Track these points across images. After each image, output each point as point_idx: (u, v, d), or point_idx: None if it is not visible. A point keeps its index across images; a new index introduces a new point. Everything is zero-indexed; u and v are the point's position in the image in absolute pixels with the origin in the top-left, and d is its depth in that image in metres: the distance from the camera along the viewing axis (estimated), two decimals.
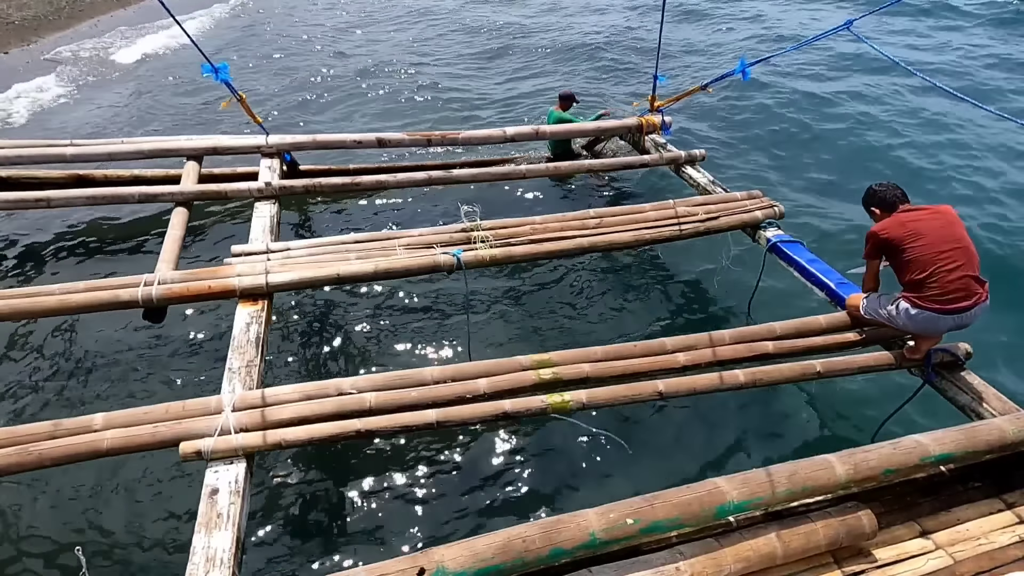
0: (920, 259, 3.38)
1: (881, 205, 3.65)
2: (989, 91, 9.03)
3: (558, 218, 4.82)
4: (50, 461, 2.87)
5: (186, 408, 3.10)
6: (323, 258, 4.28)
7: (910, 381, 3.83)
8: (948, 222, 3.45)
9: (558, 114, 6.90)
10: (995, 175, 7.11)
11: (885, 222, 3.55)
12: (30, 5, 13.66)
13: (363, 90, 10.12)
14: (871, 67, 10.02)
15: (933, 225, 3.42)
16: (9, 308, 3.73)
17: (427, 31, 13.71)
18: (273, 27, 14.10)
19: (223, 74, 4.55)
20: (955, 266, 3.34)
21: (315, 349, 4.72)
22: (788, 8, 13.91)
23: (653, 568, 2.40)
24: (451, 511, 3.58)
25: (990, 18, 12.00)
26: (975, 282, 3.38)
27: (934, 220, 3.45)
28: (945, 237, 3.38)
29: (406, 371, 3.41)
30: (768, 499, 2.56)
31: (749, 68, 5.09)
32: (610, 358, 3.54)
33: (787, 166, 7.53)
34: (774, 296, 5.09)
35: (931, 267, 3.35)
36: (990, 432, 2.95)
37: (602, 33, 12.86)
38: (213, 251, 5.64)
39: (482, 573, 2.24)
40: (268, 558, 3.32)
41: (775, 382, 3.57)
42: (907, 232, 3.42)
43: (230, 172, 6.03)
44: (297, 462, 3.82)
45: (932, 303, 3.37)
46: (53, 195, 4.94)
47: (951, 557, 2.68)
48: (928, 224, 3.43)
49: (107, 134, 8.06)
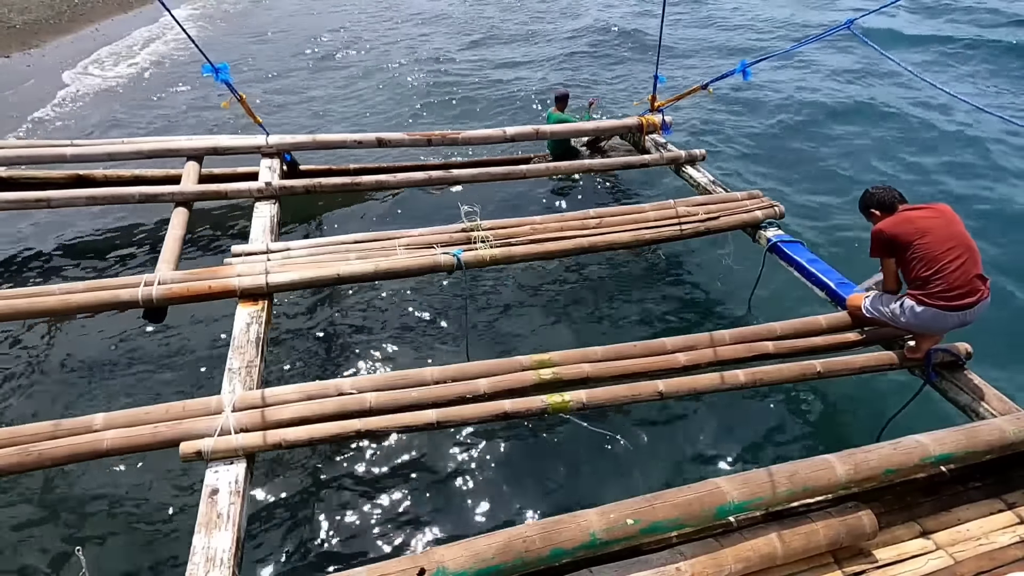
0: (926, 256, 3.38)
1: (880, 207, 3.65)
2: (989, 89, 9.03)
3: (558, 218, 4.82)
4: (50, 461, 2.88)
5: (186, 408, 3.10)
6: (323, 258, 4.27)
7: (910, 381, 3.83)
8: (949, 220, 3.47)
9: (557, 115, 6.90)
10: (995, 175, 7.11)
11: (889, 219, 3.54)
12: (31, 9, 13.67)
13: (363, 90, 10.12)
14: (871, 67, 10.02)
15: (937, 223, 3.43)
16: (9, 308, 3.74)
17: (425, 31, 13.72)
18: (274, 28, 14.11)
19: (223, 74, 4.55)
20: (960, 263, 3.35)
21: (315, 349, 4.71)
22: (788, 8, 13.91)
23: (653, 568, 2.40)
24: (451, 511, 3.58)
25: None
26: (978, 279, 3.39)
27: (937, 218, 3.46)
28: (949, 234, 3.40)
29: (406, 371, 3.41)
30: (768, 499, 2.56)
31: (750, 68, 5.09)
32: (610, 358, 3.54)
33: (787, 166, 7.53)
34: (774, 296, 5.09)
35: (937, 264, 3.36)
36: (990, 432, 2.95)
37: (601, 33, 12.86)
38: (213, 251, 5.64)
39: (482, 573, 2.24)
40: (268, 558, 3.32)
41: (775, 382, 3.57)
42: (913, 229, 3.42)
43: (230, 172, 6.02)
44: (297, 462, 3.81)
45: (938, 300, 3.37)
46: (53, 195, 4.94)
47: (951, 557, 2.68)
48: (932, 222, 3.43)
49: (107, 134, 8.07)
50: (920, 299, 3.42)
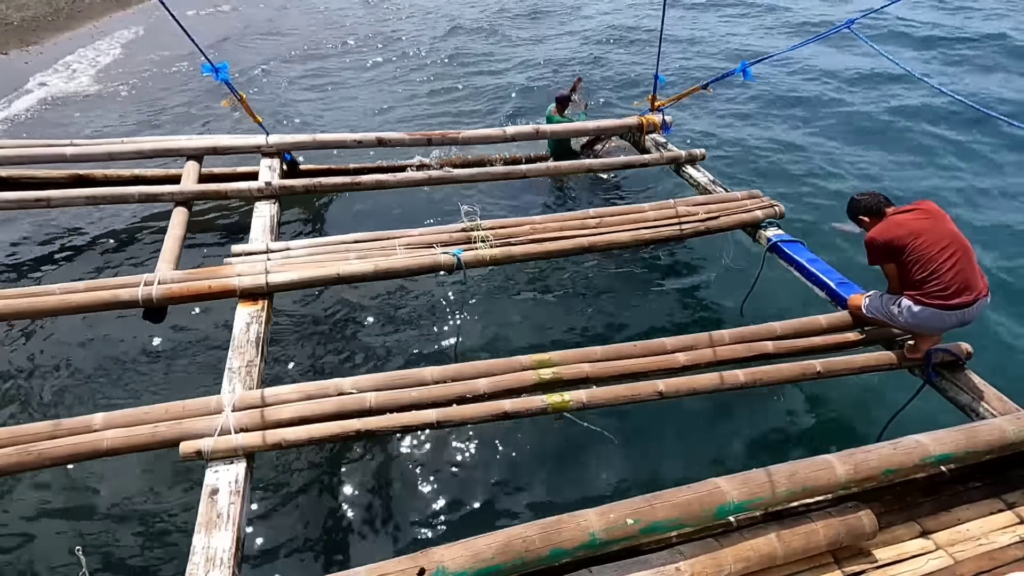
0: (921, 258, 3.38)
1: (868, 212, 3.65)
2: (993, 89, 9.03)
3: (558, 218, 4.82)
4: (50, 461, 2.88)
5: (186, 408, 3.10)
6: (323, 258, 4.27)
7: (910, 380, 3.83)
8: (938, 218, 3.47)
9: (557, 116, 6.89)
10: (996, 175, 7.10)
11: (880, 226, 3.54)
12: (29, 6, 13.67)
13: (363, 89, 10.11)
14: (871, 67, 10.02)
15: (927, 223, 3.44)
16: (9, 308, 3.73)
17: (425, 32, 13.71)
18: (275, 27, 14.10)
19: (223, 74, 4.54)
20: (954, 262, 3.35)
21: (315, 349, 4.71)
22: (791, 7, 13.91)
23: (653, 568, 2.40)
24: (451, 511, 3.58)
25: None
26: (975, 277, 3.39)
27: (927, 218, 3.46)
28: (941, 233, 3.40)
29: (406, 371, 3.41)
30: (768, 499, 2.56)
31: (750, 67, 5.08)
32: (610, 358, 3.54)
33: (787, 166, 7.52)
34: (773, 296, 5.08)
35: (932, 264, 3.36)
36: (990, 432, 2.95)
37: (602, 31, 12.85)
38: (213, 251, 5.64)
39: (482, 573, 2.24)
40: (268, 558, 3.32)
41: (775, 382, 3.57)
42: (906, 232, 3.42)
43: (230, 172, 6.02)
44: (297, 462, 3.81)
45: (935, 299, 3.37)
46: (53, 195, 4.94)
47: (951, 557, 2.68)
48: (923, 222, 3.44)
49: (107, 134, 8.06)
50: (918, 299, 3.42)
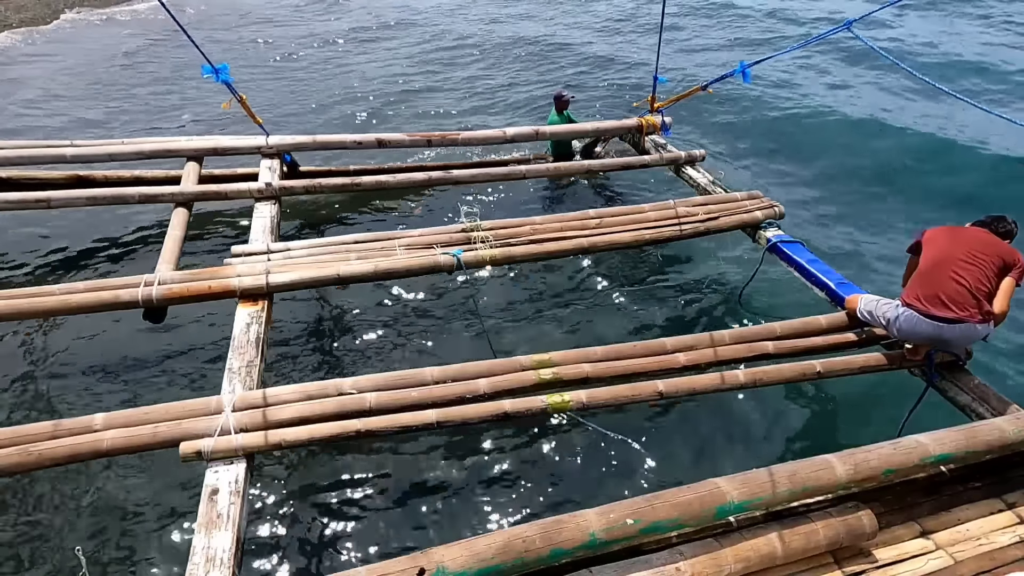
0: (934, 255, 3.43)
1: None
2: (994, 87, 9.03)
3: (558, 218, 4.82)
4: (50, 461, 2.87)
5: (186, 408, 3.10)
6: (323, 258, 4.28)
7: (909, 380, 3.83)
8: (980, 240, 3.45)
9: (557, 117, 6.90)
10: (997, 175, 7.10)
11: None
12: (27, 7, 13.67)
13: (363, 92, 10.12)
14: (871, 67, 10.02)
15: (964, 236, 3.48)
16: (9, 308, 3.74)
17: (424, 35, 13.72)
18: (276, 26, 14.11)
19: (223, 75, 4.54)
20: (953, 274, 3.34)
21: (315, 349, 4.71)
22: (791, 6, 13.91)
23: (653, 568, 2.40)
24: (451, 511, 3.58)
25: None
26: (971, 300, 3.30)
27: (968, 233, 3.51)
28: (965, 249, 3.40)
29: (406, 371, 3.41)
30: (768, 499, 2.56)
31: (749, 69, 5.09)
32: (610, 358, 3.55)
33: (787, 166, 7.53)
34: (773, 296, 5.09)
35: (929, 265, 3.39)
36: (990, 432, 2.95)
37: (601, 31, 12.86)
38: (213, 251, 5.64)
39: (482, 573, 2.24)
40: (268, 558, 3.32)
41: (775, 382, 3.57)
42: (944, 234, 3.52)
43: (230, 173, 6.02)
44: (297, 462, 3.81)
45: (914, 300, 3.39)
46: (54, 196, 4.94)
47: (951, 557, 2.68)
48: (963, 234, 3.49)
49: (107, 134, 8.06)
50: (904, 300, 3.47)
